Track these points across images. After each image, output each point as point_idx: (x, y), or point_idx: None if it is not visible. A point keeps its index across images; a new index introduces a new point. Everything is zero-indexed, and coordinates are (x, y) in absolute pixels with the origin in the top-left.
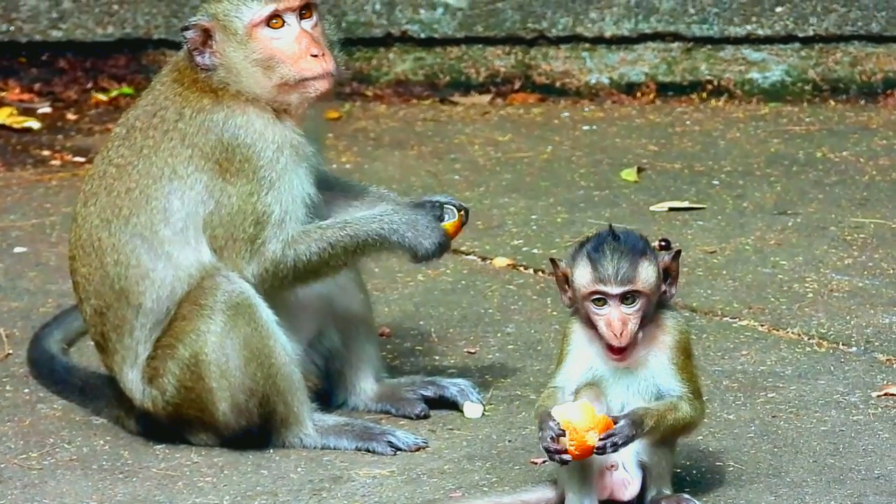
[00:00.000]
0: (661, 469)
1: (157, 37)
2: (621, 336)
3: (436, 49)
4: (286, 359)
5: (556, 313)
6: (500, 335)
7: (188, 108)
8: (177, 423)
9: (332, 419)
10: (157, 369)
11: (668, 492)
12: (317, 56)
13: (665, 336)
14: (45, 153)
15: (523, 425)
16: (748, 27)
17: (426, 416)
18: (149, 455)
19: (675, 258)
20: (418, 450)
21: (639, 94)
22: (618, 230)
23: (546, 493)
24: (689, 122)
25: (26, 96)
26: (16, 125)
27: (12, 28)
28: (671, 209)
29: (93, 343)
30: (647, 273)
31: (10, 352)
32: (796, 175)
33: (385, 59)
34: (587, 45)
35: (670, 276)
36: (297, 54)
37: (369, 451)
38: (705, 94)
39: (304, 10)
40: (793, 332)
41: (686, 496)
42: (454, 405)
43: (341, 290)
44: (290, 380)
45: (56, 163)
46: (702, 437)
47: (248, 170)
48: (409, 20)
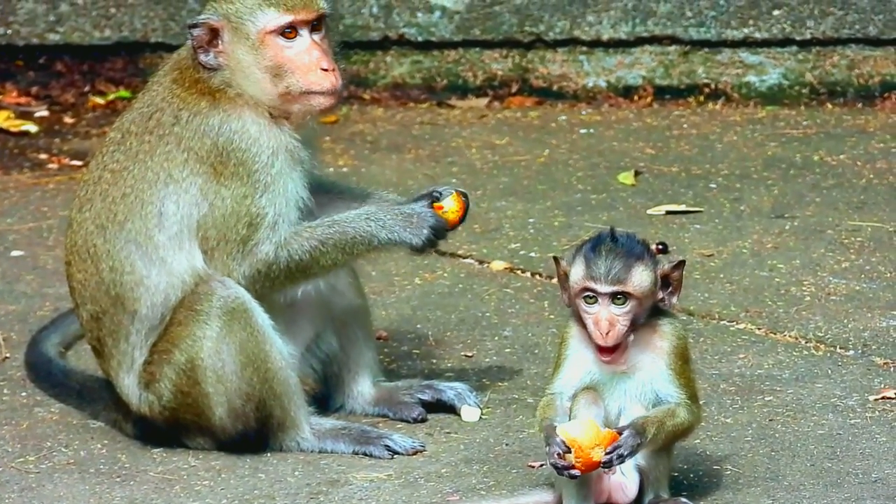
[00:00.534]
0: (658, 473)
1: (154, 40)
2: (607, 336)
3: (433, 52)
4: (282, 363)
5: (553, 317)
6: (497, 339)
7: (185, 110)
8: (174, 428)
9: (329, 423)
10: (154, 374)
11: (666, 495)
12: (326, 70)
13: (662, 341)
14: (43, 156)
15: (520, 429)
16: (745, 30)
17: (423, 420)
18: (146, 459)
19: (676, 267)
20: (415, 453)
21: (636, 98)
22: (619, 232)
23: (543, 497)
24: (686, 126)
25: (23, 100)
26: (13, 128)
27: (9, 31)
28: (668, 212)
29: (90, 347)
30: (639, 277)
31: (8, 355)
32: (793, 178)
33: (382, 63)
34: (584, 48)
35: (671, 284)
36: (307, 66)
37: (366, 454)
38: (702, 98)
39: (316, 23)
40: (790, 336)
41: (683, 500)
42: (451, 409)
43: (338, 294)
44: (286, 384)
45: (53, 166)
46: (699, 441)
47: (243, 173)
48: (407, 23)
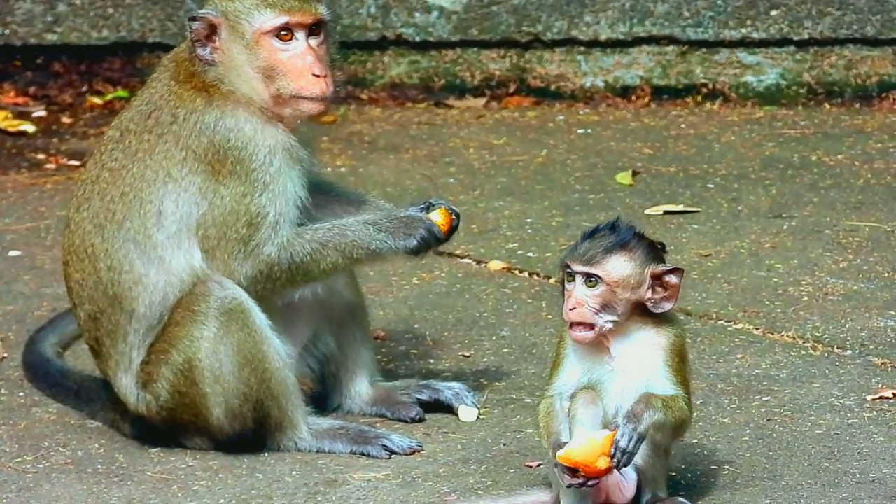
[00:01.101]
0: (655, 472)
1: (151, 40)
2: (570, 311)
3: (431, 52)
4: (280, 363)
5: (551, 317)
6: (494, 339)
7: (182, 108)
8: (171, 428)
9: (326, 423)
10: (151, 374)
11: (664, 495)
12: (318, 76)
13: (660, 339)
14: (40, 157)
15: (518, 428)
16: (743, 30)
17: (421, 420)
18: (144, 458)
19: (671, 272)
20: (413, 453)
21: (634, 98)
22: (622, 223)
23: (541, 497)
24: (683, 126)
25: (21, 100)
26: (11, 129)
27: (7, 31)
28: (666, 212)
29: (87, 347)
30: (616, 264)
31: (5, 355)
32: (791, 178)
33: (380, 63)
34: (582, 48)
35: (666, 288)
36: (298, 70)
37: (364, 454)
38: (700, 98)
39: (315, 28)
40: (788, 336)
41: (681, 499)
42: (449, 409)
43: (336, 294)
44: (284, 384)
45: (51, 166)
46: (696, 441)
47: (241, 171)
48: (404, 23)
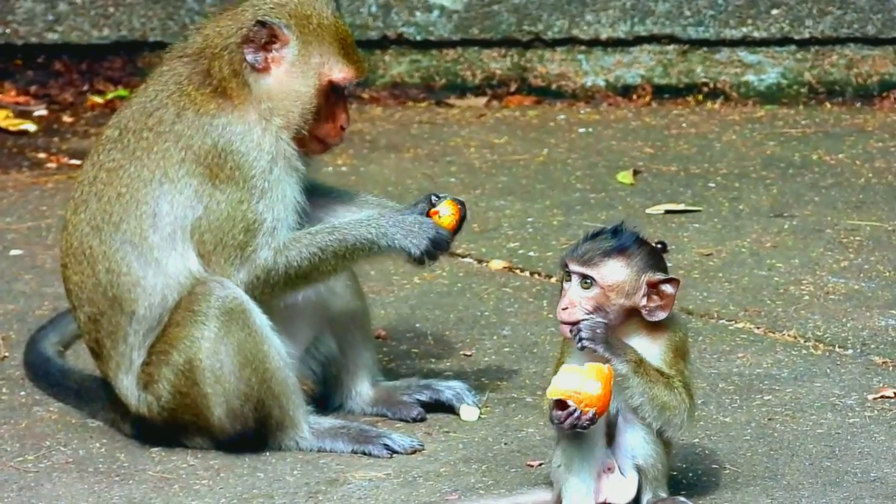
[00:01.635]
0: (656, 472)
1: (152, 39)
2: (563, 311)
3: (432, 51)
4: (280, 363)
5: (551, 316)
6: (496, 338)
7: (191, 109)
8: (172, 428)
9: (328, 422)
10: (152, 375)
11: (665, 494)
12: (343, 129)
13: (660, 335)
14: (41, 156)
15: (519, 428)
16: (744, 29)
17: (422, 419)
18: (145, 458)
19: (668, 282)
20: (414, 452)
21: (635, 97)
22: (625, 228)
23: (542, 496)
24: (684, 125)
25: (22, 99)
26: (12, 128)
27: (8, 31)
28: (667, 212)
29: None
30: (612, 269)
31: (6, 355)
32: (792, 177)
33: (381, 62)
34: (583, 47)
35: (661, 297)
36: (333, 119)
37: (365, 453)
38: (701, 97)
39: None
40: (789, 335)
41: (682, 499)
42: (450, 408)
43: (337, 294)
44: (284, 384)
45: (52, 165)
46: (698, 440)
47: (239, 177)
48: (405, 22)
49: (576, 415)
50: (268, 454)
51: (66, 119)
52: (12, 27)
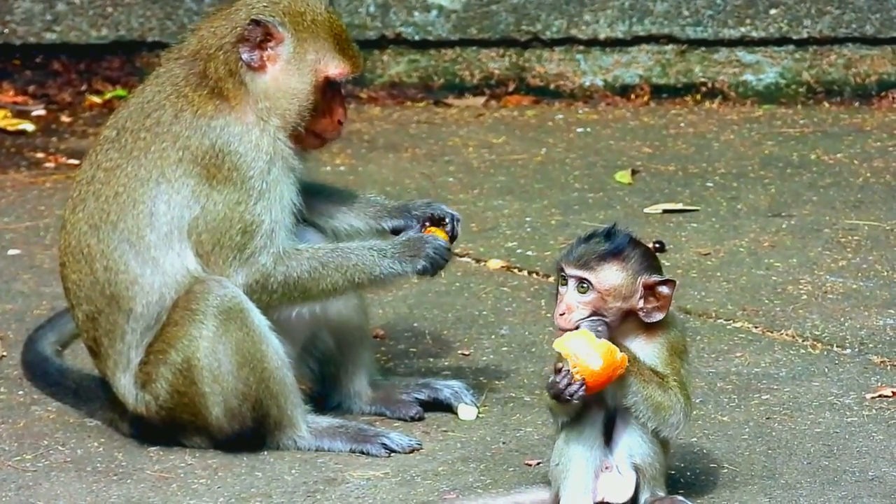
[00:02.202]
0: (654, 471)
1: (151, 39)
2: (560, 317)
3: (430, 51)
4: (279, 362)
5: (549, 315)
6: (494, 337)
7: (188, 110)
8: (170, 427)
9: (326, 421)
10: (150, 374)
11: (662, 493)
12: (341, 123)
13: (656, 334)
14: (40, 155)
15: (517, 427)
16: (742, 29)
17: (420, 419)
18: (143, 457)
19: (664, 284)
20: (412, 452)
21: (633, 97)
22: (619, 230)
23: (540, 495)
24: (683, 125)
25: (20, 98)
26: (10, 128)
27: (6, 30)
28: (665, 211)
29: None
30: (607, 272)
31: (4, 354)
32: (790, 177)
33: (379, 62)
34: (581, 47)
35: (658, 298)
36: (330, 114)
37: (363, 452)
38: (699, 97)
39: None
40: (787, 334)
41: (680, 498)
42: (448, 407)
43: None
44: (282, 383)
45: (50, 165)
46: (696, 439)
47: (237, 178)
48: (404, 22)
49: (566, 380)
50: (266, 453)
51: (65, 119)
52: (10, 27)
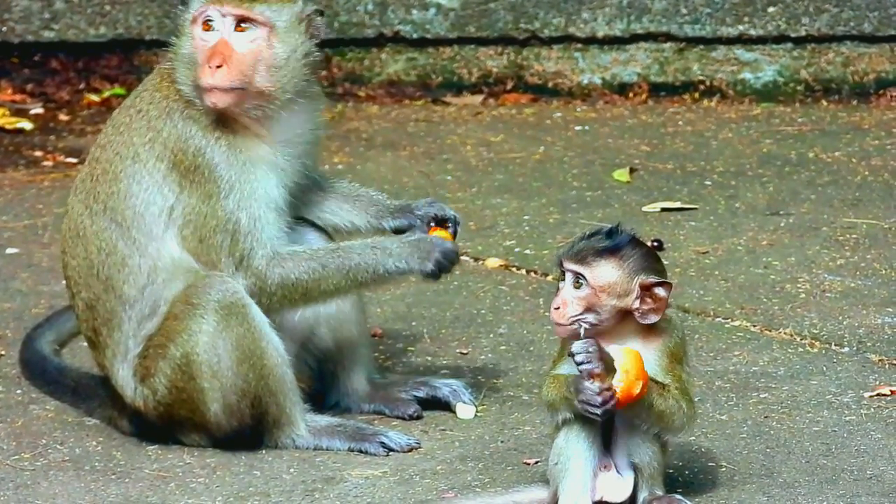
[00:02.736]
0: (652, 470)
1: (149, 37)
2: (555, 310)
3: (428, 49)
4: (278, 360)
5: (548, 314)
6: (492, 336)
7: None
8: (168, 424)
9: (324, 420)
10: (149, 368)
11: (661, 492)
12: (212, 67)
13: (655, 339)
14: (38, 154)
15: (516, 426)
16: (740, 27)
17: (419, 417)
18: (141, 456)
19: (660, 285)
20: (411, 450)
21: (631, 95)
22: (621, 230)
23: (538, 494)
24: (681, 123)
25: (18, 97)
26: (8, 126)
27: (4, 29)
28: (663, 209)
29: (85, 342)
30: (602, 269)
31: (3, 353)
32: (788, 175)
33: (377, 60)
34: (579, 45)
35: (654, 300)
36: (202, 60)
37: (362, 451)
38: (697, 95)
39: (243, 23)
40: (785, 333)
41: (678, 497)
42: (447, 406)
43: None
44: (282, 381)
45: (48, 163)
46: (694, 438)
47: (203, 167)
48: (402, 20)
49: (608, 393)
50: (264, 452)
51: (63, 117)
52: (8, 25)
